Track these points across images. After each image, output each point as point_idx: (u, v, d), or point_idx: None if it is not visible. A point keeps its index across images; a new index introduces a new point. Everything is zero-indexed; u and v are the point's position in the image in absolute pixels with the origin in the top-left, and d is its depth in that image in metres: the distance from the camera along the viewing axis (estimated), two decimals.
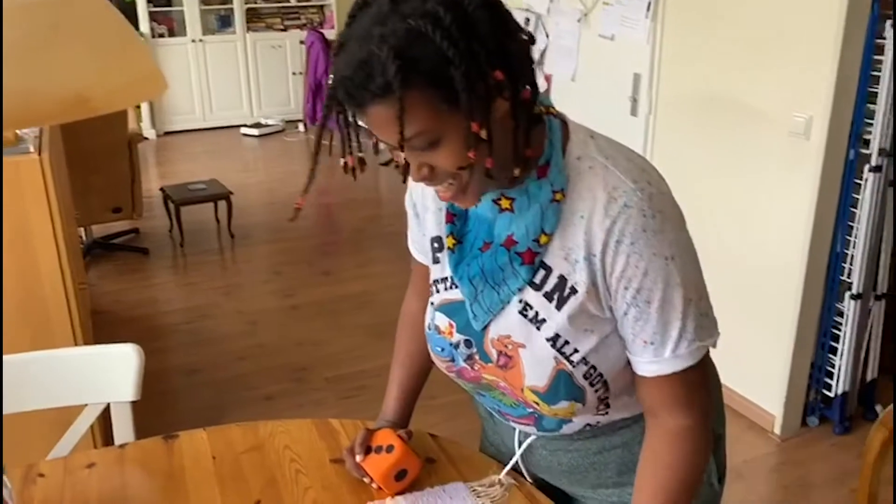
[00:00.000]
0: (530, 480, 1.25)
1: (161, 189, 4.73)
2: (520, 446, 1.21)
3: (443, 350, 1.11)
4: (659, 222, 0.92)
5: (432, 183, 0.93)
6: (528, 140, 0.92)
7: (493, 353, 1.05)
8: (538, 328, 1.01)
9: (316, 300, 3.92)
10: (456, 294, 1.08)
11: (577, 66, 3.27)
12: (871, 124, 2.40)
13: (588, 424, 1.11)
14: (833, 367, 2.71)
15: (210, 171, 5.54)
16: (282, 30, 7.43)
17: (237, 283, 4.19)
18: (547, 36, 3.40)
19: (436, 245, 1.12)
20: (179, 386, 3.15)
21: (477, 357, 1.07)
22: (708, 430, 1.03)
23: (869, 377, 2.80)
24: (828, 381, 2.73)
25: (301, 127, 7.28)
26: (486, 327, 1.05)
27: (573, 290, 0.97)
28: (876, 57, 2.33)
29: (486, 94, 0.84)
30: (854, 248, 2.54)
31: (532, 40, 0.93)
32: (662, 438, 1.02)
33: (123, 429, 1.48)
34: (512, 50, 0.87)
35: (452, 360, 1.11)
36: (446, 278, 1.10)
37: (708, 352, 1.01)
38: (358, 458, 1.20)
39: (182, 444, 1.36)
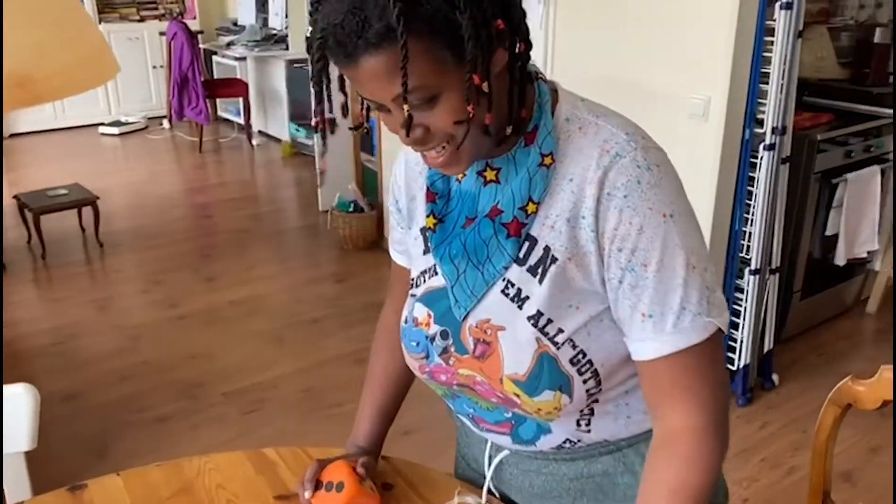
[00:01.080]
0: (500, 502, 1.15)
1: (15, 197, 4.28)
2: (490, 462, 1.11)
3: (417, 345, 1.00)
4: (656, 176, 0.84)
5: (424, 147, 0.84)
6: (522, 98, 0.85)
7: (470, 343, 0.94)
8: (520, 307, 0.90)
9: (203, 309, 3.66)
10: (439, 281, 0.98)
11: None
12: (765, 104, 2.46)
13: (568, 440, 1.00)
14: (735, 341, 2.79)
15: (69, 176, 5.08)
16: (138, 20, 6.95)
17: (111, 295, 3.85)
18: None
19: (426, 235, 1.02)
20: (55, 415, 2.83)
21: (453, 349, 0.96)
22: (719, 431, 0.88)
23: (765, 348, 2.91)
24: (730, 355, 2.82)
25: (165, 123, 6.85)
26: (466, 315, 0.94)
27: (553, 259, 0.88)
28: (767, 38, 2.39)
29: (488, 44, 0.77)
30: (752, 225, 2.62)
31: None
32: (664, 441, 0.90)
33: (17, 484, 1.26)
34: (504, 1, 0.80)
35: (427, 356, 1.00)
36: (431, 267, 1.00)
37: (720, 339, 0.88)
38: (306, 494, 1.07)
39: (93, 494, 1.17)
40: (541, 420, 0.97)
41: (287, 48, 5.78)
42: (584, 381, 0.91)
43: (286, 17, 5.75)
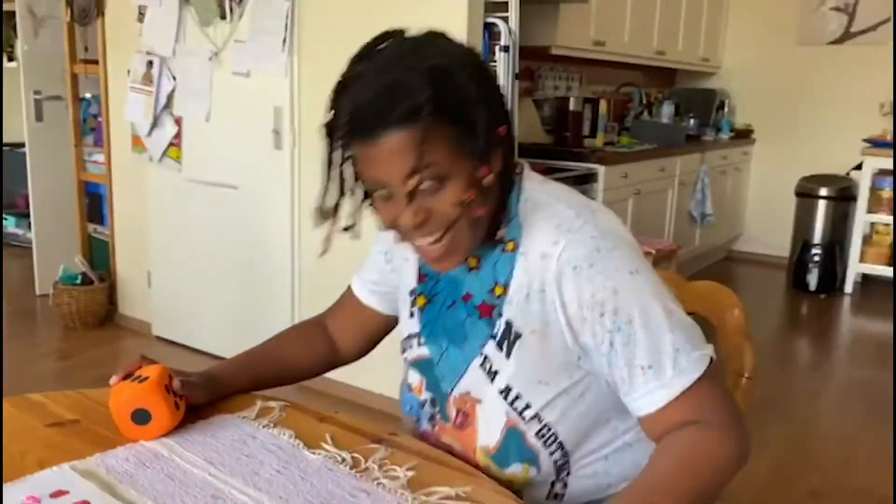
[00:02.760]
0: None
1: None
2: None
3: (411, 409, 1.07)
4: (611, 241, 0.90)
5: (421, 231, 0.89)
6: (505, 202, 0.95)
7: (453, 412, 1.00)
8: (492, 380, 0.96)
9: None
10: (426, 351, 1.04)
11: (211, 107, 3.19)
12: None
13: None
14: None
15: None
16: None
17: None
18: (174, 79, 3.27)
19: (412, 298, 1.07)
20: None
21: (438, 417, 1.03)
22: (741, 438, 0.89)
23: None
24: None
25: None
26: (451, 389, 1.00)
27: (517, 334, 0.93)
28: None
29: (492, 144, 0.88)
30: None
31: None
32: (679, 435, 0.88)
33: None
34: (507, 112, 0.92)
35: (418, 419, 1.06)
36: (418, 334, 1.06)
37: (717, 369, 0.92)
38: (112, 379, 1.00)
39: None
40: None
41: None
42: (551, 454, 0.95)
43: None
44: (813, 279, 4.78)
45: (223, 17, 3.05)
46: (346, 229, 0.93)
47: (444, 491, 0.88)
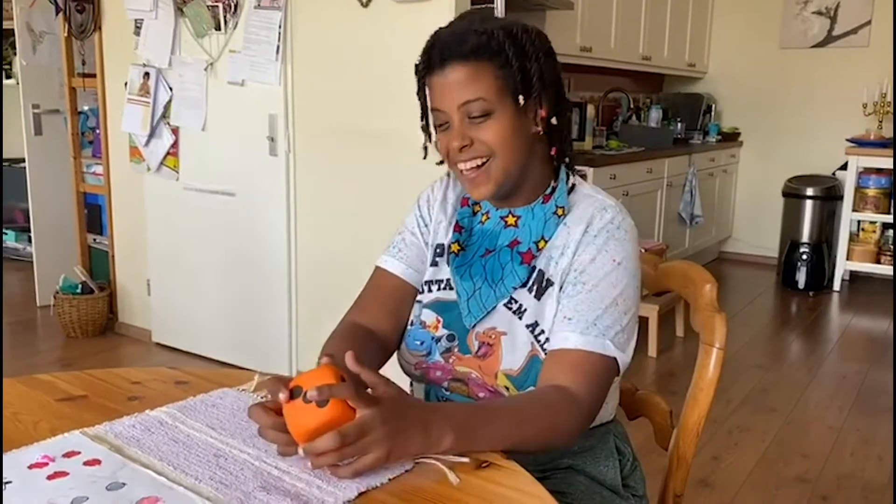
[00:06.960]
0: None
1: None
2: None
3: (422, 343, 1.17)
4: (622, 234, 1.11)
5: (466, 153, 1.07)
6: (555, 170, 1.16)
7: (475, 345, 1.13)
8: (520, 317, 1.11)
9: None
10: (449, 294, 1.17)
11: (207, 116, 3.27)
12: None
13: None
14: None
15: None
16: None
17: None
18: (170, 89, 3.35)
19: (437, 251, 1.22)
20: None
21: (456, 350, 1.14)
22: (585, 418, 1.03)
23: None
24: None
25: None
26: (475, 324, 1.13)
27: (549, 282, 1.11)
28: None
29: (538, 104, 1.09)
30: None
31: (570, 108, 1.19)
32: (547, 389, 1.03)
33: None
34: (560, 94, 1.13)
35: (428, 353, 1.16)
36: (442, 280, 1.19)
37: (612, 368, 1.05)
38: (282, 396, 0.87)
39: None
40: None
41: None
42: None
43: None
44: (802, 278, 4.86)
45: (217, 28, 3.13)
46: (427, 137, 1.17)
47: None
